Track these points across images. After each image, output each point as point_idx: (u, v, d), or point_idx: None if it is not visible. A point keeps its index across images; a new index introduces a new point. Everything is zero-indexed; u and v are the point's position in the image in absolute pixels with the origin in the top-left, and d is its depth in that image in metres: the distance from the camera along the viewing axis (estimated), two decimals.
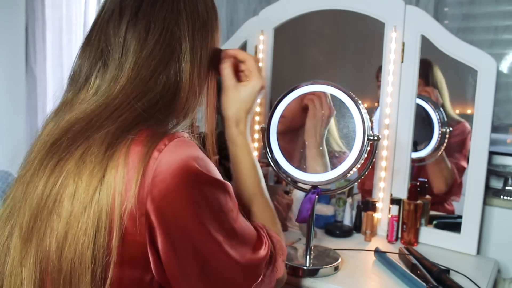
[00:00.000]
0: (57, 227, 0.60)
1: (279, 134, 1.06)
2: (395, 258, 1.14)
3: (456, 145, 1.39)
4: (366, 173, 1.01)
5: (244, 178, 0.89)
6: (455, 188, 1.41)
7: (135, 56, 0.68)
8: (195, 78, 0.72)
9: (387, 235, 1.31)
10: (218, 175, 0.66)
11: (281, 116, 1.05)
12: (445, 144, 1.40)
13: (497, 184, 1.40)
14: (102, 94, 0.67)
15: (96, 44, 0.70)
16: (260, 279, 0.73)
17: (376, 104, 1.43)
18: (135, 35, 0.68)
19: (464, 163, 1.37)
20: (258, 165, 0.92)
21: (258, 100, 0.91)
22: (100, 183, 0.59)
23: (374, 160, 1.06)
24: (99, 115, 0.64)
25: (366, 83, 1.53)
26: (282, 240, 0.81)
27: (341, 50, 1.67)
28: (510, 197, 1.32)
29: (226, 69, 0.86)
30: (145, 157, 0.59)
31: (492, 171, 1.37)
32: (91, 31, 0.73)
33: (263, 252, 0.73)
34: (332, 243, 1.28)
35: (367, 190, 1.49)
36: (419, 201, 1.27)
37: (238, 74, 0.90)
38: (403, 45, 1.31)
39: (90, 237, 0.58)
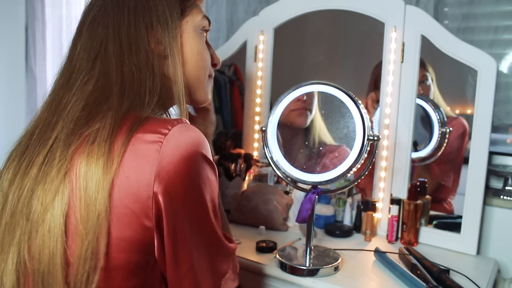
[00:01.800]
0: (29, 231, 0.62)
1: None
2: (395, 258, 1.15)
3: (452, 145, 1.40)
4: (366, 173, 1.01)
5: None
6: (446, 191, 1.42)
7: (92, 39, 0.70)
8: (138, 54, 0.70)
9: (387, 235, 1.31)
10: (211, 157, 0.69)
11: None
12: (445, 144, 1.40)
13: (497, 184, 1.40)
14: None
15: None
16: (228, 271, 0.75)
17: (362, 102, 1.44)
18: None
19: (452, 166, 1.38)
20: None
21: None
22: (65, 178, 0.61)
23: (374, 160, 1.07)
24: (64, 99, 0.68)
25: (366, 83, 1.53)
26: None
27: (341, 50, 1.67)
28: (510, 197, 1.32)
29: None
30: (147, 143, 0.61)
31: (492, 171, 1.37)
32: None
33: (234, 245, 0.76)
34: (332, 243, 1.28)
35: (362, 188, 1.50)
36: (419, 201, 1.27)
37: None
38: (403, 45, 1.31)
39: (59, 241, 0.60)
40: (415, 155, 1.41)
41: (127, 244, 0.61)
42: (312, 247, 1.11)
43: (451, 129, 1.39)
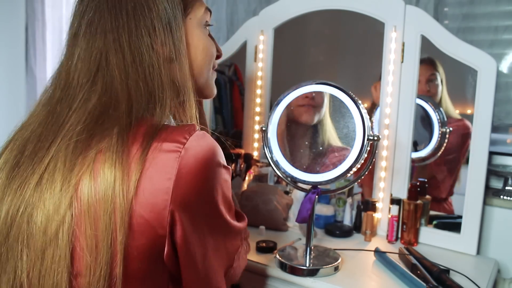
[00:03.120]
0: (30, 259, 0.59)
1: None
2: (395, 258, 1.14)
3: (453, 146, 1.39)
4: (366, 173, 1.01)
5: None
6: (442, 190, 1.42)
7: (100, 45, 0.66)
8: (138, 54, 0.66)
9: (387, 235, 1.31)
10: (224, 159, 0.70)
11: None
12: (445, 144, 1.40)
13: (497, 184, 1.40)
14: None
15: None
16: (240, 246, 0.79)
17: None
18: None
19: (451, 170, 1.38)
20: None
21: None
22: (73, 191, 0.58)
23: (374, 160, 1.06)
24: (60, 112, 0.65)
25: (366, 83, 1.53)
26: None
27: (341, 50, 1.67)
28: (510, 197, 1.31)
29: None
30: (166, 152, 0.60)
31: (492, 171, 1.37)
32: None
33: (244, 223, 0.79)
34: (332, 243, 1.28)
35: (365, 188, 1.50)
36: (419, 201, 1.27)
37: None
38: (403, 45, 1.31)
39: (64, 273, 0.58)
40: (415, 155, 1.41)
41: (139, 253, 0.60)
42: (312, 247, 1.11)
43: (451, 129, 1.39)
